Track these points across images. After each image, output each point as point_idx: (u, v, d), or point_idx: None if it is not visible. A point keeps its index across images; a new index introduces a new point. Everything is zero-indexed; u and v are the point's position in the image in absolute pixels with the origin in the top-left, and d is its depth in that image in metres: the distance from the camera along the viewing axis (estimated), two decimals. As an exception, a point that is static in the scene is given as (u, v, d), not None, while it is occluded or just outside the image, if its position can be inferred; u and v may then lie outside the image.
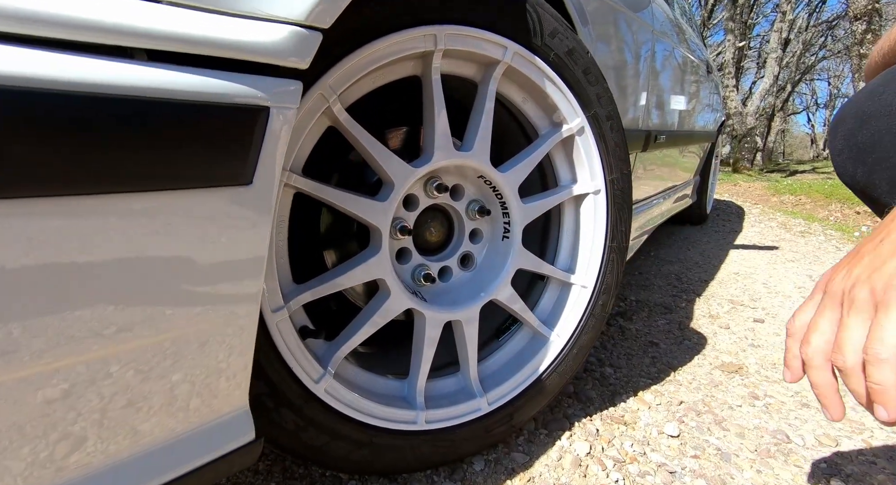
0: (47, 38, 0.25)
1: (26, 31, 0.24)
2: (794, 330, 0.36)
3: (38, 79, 0.24)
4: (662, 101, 1.20)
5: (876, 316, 0.30)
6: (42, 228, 0.25)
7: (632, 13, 0.92)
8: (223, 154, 0.31)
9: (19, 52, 0.23)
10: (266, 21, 0.32)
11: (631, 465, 0.62)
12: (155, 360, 0.31)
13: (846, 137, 0.52)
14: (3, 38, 0.23)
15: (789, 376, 0.36)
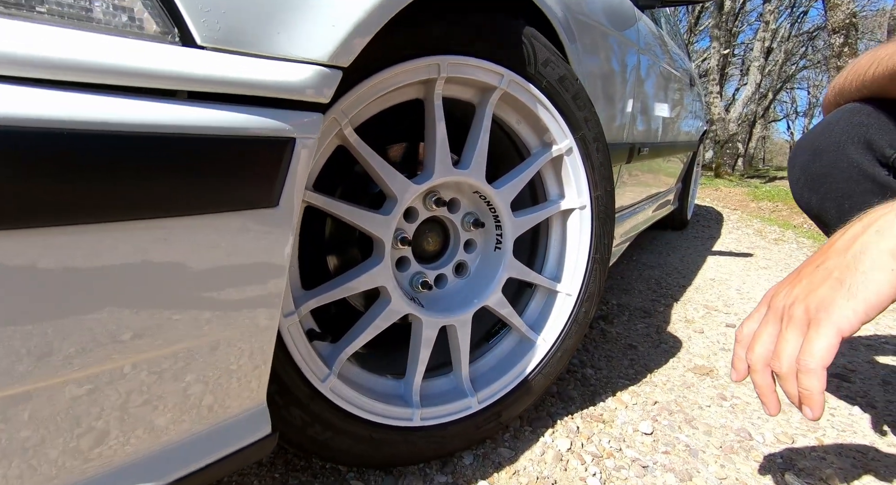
0: (113, 85, 0.28)
1: (100, 81, 0.28)
2: (742, 337, 0.42)
3: (110, 122, 0.27)
4: (646, 116, 1.26)
5: (808, 332, 0.36)
6: (115, 246, 0.29)
7: (617, 32, 0.97)
8: (254, 182, 0.35)
9: (95, 100, 0.27)
10: (293, 62, 0.36)
11: (608, 460, 0.68)
12: (196, 362, 0.35)
13: (802, 168, 0.58)
14: (87, 88, 0.27)
15: (735, 376, 0.41)
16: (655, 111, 1.36)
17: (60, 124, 0.26)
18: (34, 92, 0.26)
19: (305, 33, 0.36)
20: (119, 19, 0.29)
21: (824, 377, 0.35)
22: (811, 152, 0.57)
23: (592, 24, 0.81)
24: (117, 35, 0.29)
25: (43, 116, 0.26)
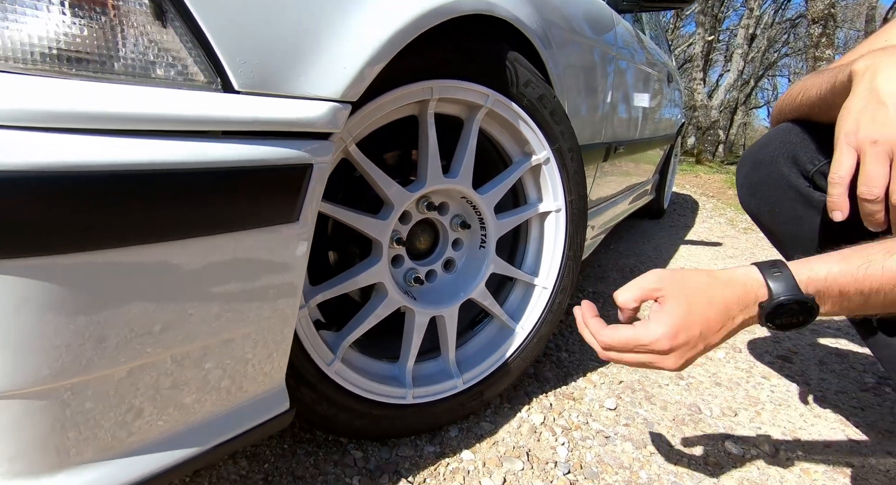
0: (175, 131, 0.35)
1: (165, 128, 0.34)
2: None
3: (174, 162, 0.34)
4: (623, 116, 1.34)
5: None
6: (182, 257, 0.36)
7: (596, 41, 1.04)
8: (279, 202, 0.42)
9: (163, 144, 0.34)
10: (311, 100, 0.42)
11: (575, 431, 0.78)
12: (235, 350, 0.42)
13: (745, 177, 0.67)
14: (155, 135, 0.33)
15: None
16: (631, 111, 1.44)
17: (139, 166, 0.33)
18: (116, 141, 0.32)
19: (321, 76, 0.43)
20: (175, 73, 0.36)
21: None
22: (752, 164, 0.66)
23: (572, 37, 0.87)
24: (174, 87, 0.35)
25: (126, 161, 0.32)
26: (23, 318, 0.31)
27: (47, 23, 0.32)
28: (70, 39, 0.32)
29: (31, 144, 0.29)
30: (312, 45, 0.42)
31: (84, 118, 0.31)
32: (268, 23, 0.39)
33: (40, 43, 0.31)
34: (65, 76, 0.32)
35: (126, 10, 0.34)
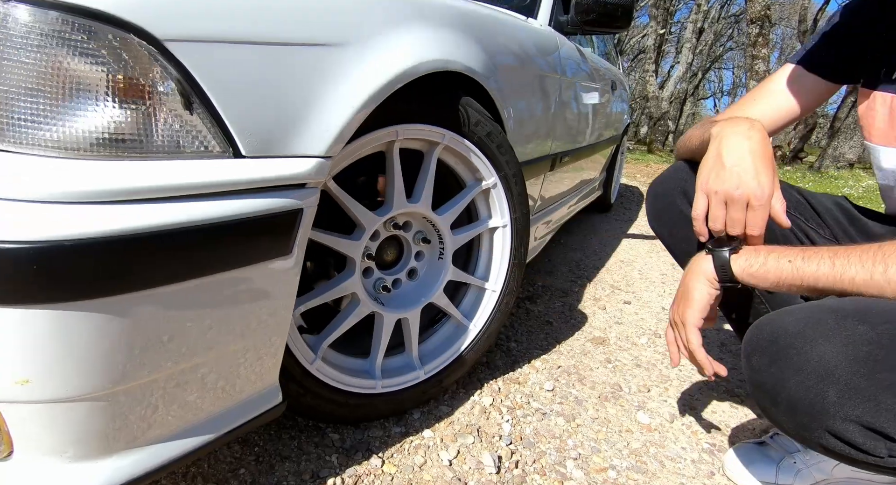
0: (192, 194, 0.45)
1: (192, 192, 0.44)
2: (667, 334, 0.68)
3: (200, 219, 0.44)
4: (567, 128, 1.49)
5: (685, 329, 0.61)
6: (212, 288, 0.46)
7: (540, 68, 1.17)
8: (277, 241, 0.53)
9: (193, 205, 0.44)
10: (302, 157, 0.53)
11: (518, 410, 0.93)
12: (246, 356, 0.53)
13: (651, 204, 0.83)
14: (184, 198, 0.43)
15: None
16: (575, 123, 1.59)
17: (176, 225, 0.43)
18: (159, 206, 0.42)
19: (309, 138, 0.53)
20: (198, 146, 0.46)
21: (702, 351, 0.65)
22: (655, 195, 0.82)
23: (518, 71, 1.00)
24: (197, 158, 0.45)
25: (167, 222, 0.42)
26: (94, 343, 0.41)
27: (102, 116, 0.41)
28: (118, 127, 0.42)
29: (100, 216, 0.39)
30: (301, 115, 0.52)
31: (139, 192, 0.41)
32: (267, 102, 0.49)
33: (97, 132, 0.41)
34: (119, 158, 0.41)
35: (162, 101, 0.43)
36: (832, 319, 0.52)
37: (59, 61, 0.38)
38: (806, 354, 0.51)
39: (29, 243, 0.37)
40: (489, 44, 0.87)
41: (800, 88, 0.76)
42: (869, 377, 0.48)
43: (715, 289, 0.64)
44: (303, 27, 0.53)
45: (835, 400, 0.49)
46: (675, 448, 0.86)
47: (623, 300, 1.61)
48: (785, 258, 0.58)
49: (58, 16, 0.37)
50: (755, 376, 0.56)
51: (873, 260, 0.53)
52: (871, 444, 0.49)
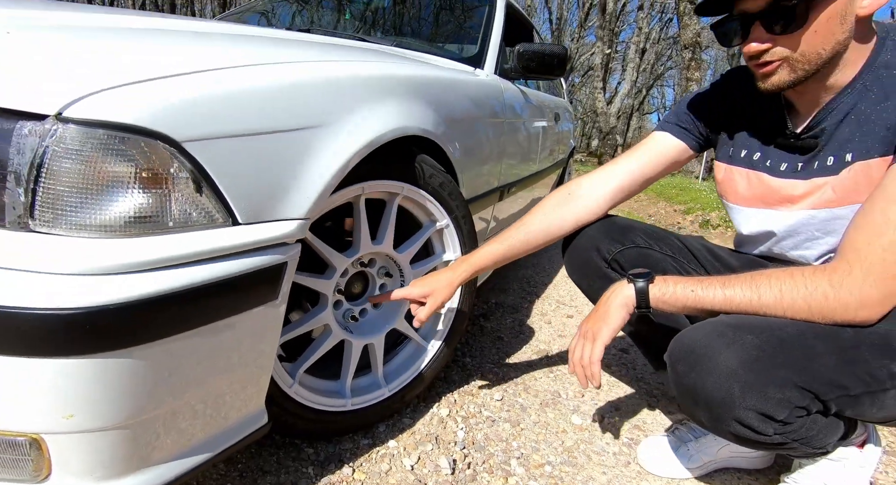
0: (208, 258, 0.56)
1: (202, 257, 0.56)
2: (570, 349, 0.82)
3: (204, 279, 0.56)
4: (513, 163, 1.66)
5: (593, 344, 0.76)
6: (217, 332, 0.57)
7: (486, 113, 1.34)
8: (266, 290, 0.64)
9: (202, 268, 0.55)
10: (286, 221, 0.65)
11: (471, 419, 1.07)
12: (237, 387, 0.64)
13: (569, 257, 1.00)
14: (192, 263, 0.55)
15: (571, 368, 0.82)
16: (521, 157, 1.77)
17: (190, 285, 0.54)
18: (175, 271, 0.53)
19: (293, 205, 0.65)
20: (204, 219, 0.57)
21: (599, 364, 0.79)
22: (572, 249, 0.98)
23: (466, 122, 1.16)
24: (203, 229, 0.57)
25: (182, 283, 0.53)
26: (124, 383, 0.51)
27: (131, 202, 0.52)
28: (143, 210, 0.53)
29: (130, 284, 0.50)
30: (286, 187, 0.65)
31: (159, 262, 0.52)
32: (259, 179, 0.61)
33: (126, 215, 0.52)
34: (144, 235, 0.52)
35: (178, 187, 0.54)
36: (730, 331, 0.69)
37: (100, 164, 0.49)
38: (715, 360, 0.68)
39: (75, 310, 0.47)
40: (441, 104, 1.02)
41: (668, 151, 0.95)
42: (758, 374, 0.66)
43: (628, 313, 0.80)
44: (288, 116, 0.65)
45: (738, 394, 0.66)
46: (600, 444, 1.03)
47: (566, 314, 1.79)
48: (688, 288, 0.75)
49: (103, 132, 0.48)
50: (680, 381, 0.72)
51: (750, 288, 0.71)
52: (763, 426, 0.67)
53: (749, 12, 0.70)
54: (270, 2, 2.05)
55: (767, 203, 0.83)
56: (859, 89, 0.72)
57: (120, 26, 0.73)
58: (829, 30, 0.67)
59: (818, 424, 0.70)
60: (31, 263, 0.47)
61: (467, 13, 1.84)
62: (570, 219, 0.96)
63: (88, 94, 0.48)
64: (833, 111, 0.74)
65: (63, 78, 0.50)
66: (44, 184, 0.47)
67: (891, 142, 0.68)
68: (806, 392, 0.66)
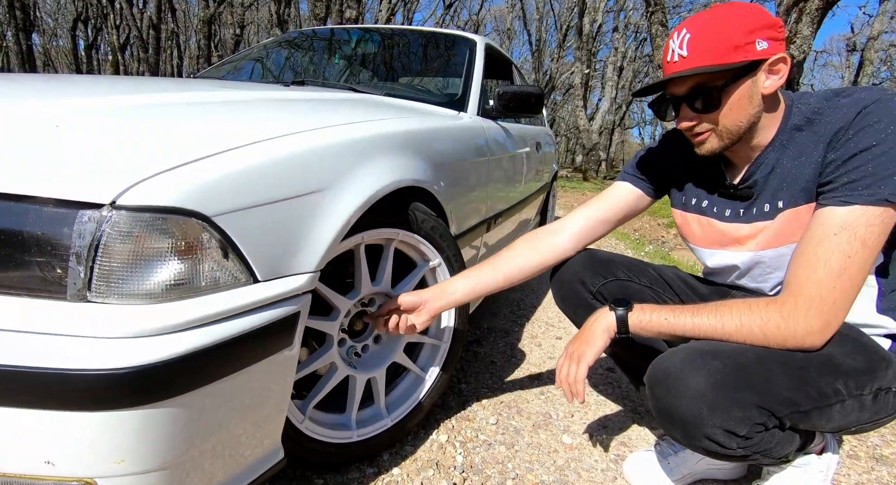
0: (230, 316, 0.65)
1: (229, 314, 0.64)
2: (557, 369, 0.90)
3: (230, 335, 0.64)
4: (498, 195, 1.77)
5: (578, 364, 0.85)
6: (237, 382, 0.65)
7: (471, 153, 1.45)
8: (283, 337, 0.73)
9: (227, 324, 0.63)
10: (299, 274, 0.74)
11: (469, 443, 1.15)
12: (256, 425, 0.72)
13: (556, 290, 1.10)
14: (220, 321, 0.63)
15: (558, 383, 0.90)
16: (505, 189, 1.89)
17: (220, 340, 0.62)
18: (207, 329, 0.61)
19: (304, 260, 0.74)
20: (230, 280, 0.66)
21: (583, 383, 0.87)
22: (559, 281, 1.08)
23: (454, 167, 1.26)
24: (228, 289, 0.65)
25: (212, 340, 0.61)
26: (165, 430, 0.59)
27: (168, 271, 0.60)
28: (179, 276, 0.61)
29: (169, 343, 0.58)
30: (298, 245, 0.74)
31: (193, 322, 0.60)
32: (276, 241, 0.70)
33: (165, 282, 0.60)
34: (179, 299, 0.61)
35: (208, 255, 0.63)
36: (699, 357, 0.78)
37: (145, 241, 0.58)
38: (687, 384, 0.77)
39: (126, 369, 0.55)
40: (430, 152, 1.13)
41: (627, 198, 1.06)
42: (723, 396, 0.75)
43: (610, 337, 0.90)
44: (299, 183, 0.74)
45: (707, 414, 0.75)
46: (589, 461, 1.11)
47: (555, 336, 1.88)
48: (662, 316, 0.85)
49: (149, 215, 0.57)
50: (658, 404, 0.81)
51: (714, 317, 0.81)
52: (728, 441, 0.76)
53: (677, 95, 0.84)
54: (265, 48, 2.17)
55: (721, 244, 0.95)
56: (778, 147, 0.85)
57: (150, 103, 0.82)
58: (742, 107, 0.80)
59: (776, 437, 0.79)
60: (88, 329, 0.55)
61: (450, 59, 1.98)
62: (537, 260, 1.06)
63: (136, 184, 0.57)
64: (761, 165, 0.87)
65: (112, 169, 0.59)
66: (100, 262, 0.55)
67: (811, 191, 0.80)
68: (763, 410, 0.76)
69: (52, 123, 0.66)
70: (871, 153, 0.73)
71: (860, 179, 0.73)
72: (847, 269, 0.73)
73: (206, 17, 11.36)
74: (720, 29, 0.77)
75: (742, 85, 0.79)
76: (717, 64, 0.77)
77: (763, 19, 0.77)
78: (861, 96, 0.77)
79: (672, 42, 0.81)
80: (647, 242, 4.15)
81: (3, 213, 0.55)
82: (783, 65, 0.79)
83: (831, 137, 0.77)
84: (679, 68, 0.80)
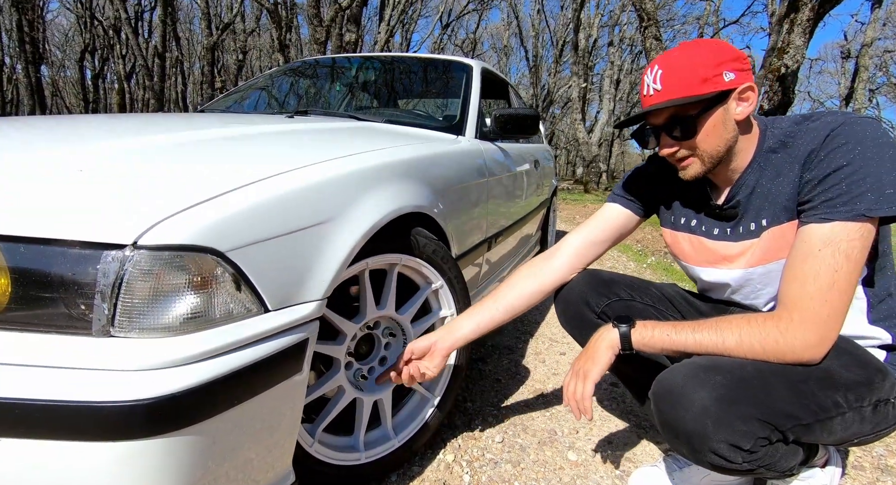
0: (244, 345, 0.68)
1: (238, 346, 0.67)
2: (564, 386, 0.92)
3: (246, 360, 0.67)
4: (497, 215, 1.81)
5: (585, 380, 0.87)
6: (248, 410, 0.68)
7: (470, 176, 1.49)
8: (293, 363, 0.76)
9: (239, 353, 0.67)
10: (309, 302, 0.77)
11: (475, 462, 1.16)
12: (268, 450, 0.75)
13: (562, 310, 1.13)
14: (233, 350, 0.66)
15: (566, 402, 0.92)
16: (505, 207, 1.93)
17: (233, 368, 0.65)
18: (222, 358, 0.65)
19: (312, 288, 0.78)
20: (243, 311, 0.69)
21: (590, 399, 0.89)
22: (564, 301, 1.11)
23: (454, 191, 1.31)
24: (241, 319, 0.69)
25: (229, 368, 0.65)
26: (180, 458, 0.62)
27: (185, 304, 0.64)
28: (194, 309, 0.65)
29: (185, 374, 0.61)
30: (306, 275, 0.77)
31: (208, 352, 0.64)
32: (285, 272, 0.74)
33: (182, 316, 0.64)
34: (195, 331, 0.64)
35: (222, 288, 0.67)
36: (702, 372, 0.81)
37: (164, 278, 0.62)
38: (691, 399, 0.79)
39: (146, 400, 0.58)
40: (430, 178, 1.17)
41: (617, 219, 1.10)
42: (727, 410, 0.77)
43: (614, 354, 0.92)
44: (307, 216, 0.79)
45: (712, 428, 0.77)
46: (595, 478, 1.12)
47: (559, 352, 1.90)
48: (664, 332, 0.88)
49: (168, 253, 0.61)
50: (663, 418, 0.83)
51: (715, 333, 0.83)
52: (733, 455, 0.78)
53: (656, 125, 0.89)
54: (269, 78, 2.25)
55: (711, 262, 0.98)
56: (756, 169, 0.89)
57: (164, 144, 0.87)
58: (717, 133, 0.86)
59: (780, 450, 0.81)
60: (112, 363, 0.58)
61: (447, 84, 2.04)
62: (537, 286, 1.09)
63: (155, 224, 0.61)
64: (742, 186, 0.91)
65: (132, 211, 0.63)
66: (123, 299, 0.59)
67: (792, 209, 0.84)
68: (766, 424, 0.77)
69: (76, 168, 0.70)
70: (843, 172, 0.77)
71: (837, 197, 0.77)
72: (836, 282, 0.76)
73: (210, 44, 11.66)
74: (689, 63, 0.83)
75: (715, 113, 0.84)
76: (688, 95, 0.83)
77: (729, 53, 0.84)
78: (828, 120, 0.82)
79: (647, 77, 0.87)
80: (649, 254, 4.17)
81: (34, 256, 0.59)
82: (751, 93, 0.84)
83: (805, 158, 0.82)
84: (654, 101, 0.86)
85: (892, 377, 0.83)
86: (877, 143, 0.77)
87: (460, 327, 1.05)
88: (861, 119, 0.80)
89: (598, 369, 0.90)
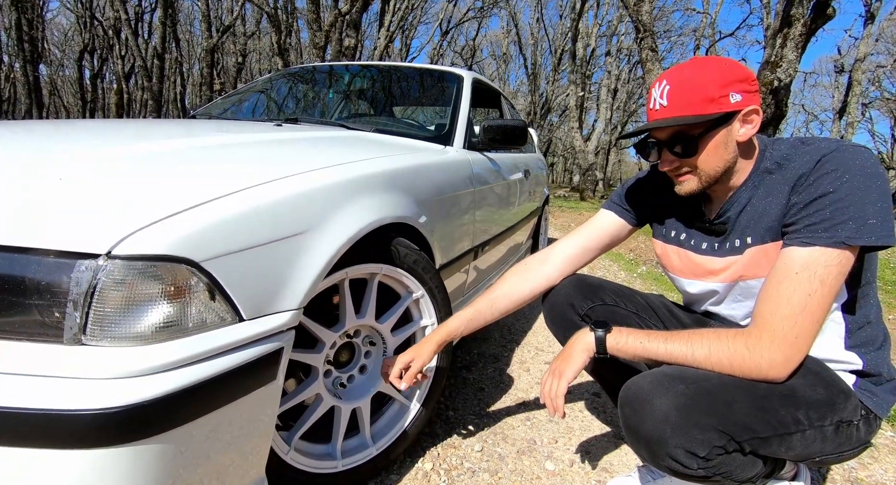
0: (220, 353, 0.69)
1: (212, 354, 0.68)
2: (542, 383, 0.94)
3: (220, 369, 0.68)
4: (485, 224, 1.83)
5: (559, 379, 0.89)
6: (231, 413, 0.69)
7: (456, 186, 1.51)
8: (267, 372, 0.77)
9: (212, 362, 0.68)
10: (285, 312, 0.78)
11: (453, 471, 1.17)
12: (240, 458, 0.75)
13: (548, 312, 1.14)
14: (207, 359, 0.67)
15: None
16: (492, 217, 1.95)
17: (208, 376, 0.66)
18: (196, 366, 0.66)
19: (288, 298, 0.79)
20: (217, 320, 0.70)
21: (563, 397, 0.91)
22: (550, 304, 1.13)
23: (440, 201, 1.33)
24: (216, 328, 0.70)
25: (203, 375, 0.66)
26: (154, 464, 0.63)
27: (159, 313, 0.65)
28: (168, 318, 0.66)
29: (158, 382, 0.62)
30: (282, 285, 0.79)
31: (182, 360, 0.65)
32: (260, 281, 0.75)
33: (155, 324, 0.65)
34: (169, 340, 0.65)
35: (196, 297, 0.68)
36: (667, 380, 0.82)
37: (137, 287, 0.63)
38: (653, 405, 0.81)
39: (115, 408, 0.59)
40: (414, 189, 1.19)
41: (610, 226, 1.13)
42: (685, 418, 0.79)
43: (589, 356, 0.94)
44: (284, 225, 0.80)
45: (670, 434, 0.79)
46: (571, 489, 1.13)
47: (544, 361, 1.91)
48: (638, 340, 0.89)
49: (141, 263, 0.62)
50: (627, 422, 0.85)
51: (686, 344, 0.85)
52: (689, 461, 0.79)
53: (659, 140, 0.91)
54: (270, 80, 2.27)
55: (696, 275, 1.00)
56: (750, 187, 0.91)
57: (147, 152, 0.89)
58: (718, 154, 0.87)
59: (736, 461, 0.82)
60: (83, 371, 0.59)
61: (438, 94, 2.07)
62: (527, 289, 1.11)
63: (130, 235, 0.62)
64: (734, 203, 0.93)
65: (108, 220, 0.64)
66: (95, 307, 0.60)
67: (777, 230, 0.86)
68: (723, 434, 0.79)
69: (55, 177, 0.71)
70: (828, 199, 0.78)
71: (819, 222, 0.79)
72: (808, 306, 0.78)
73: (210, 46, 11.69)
74: (697, 82, 0.84)
75: (718, 134, 0.85)
76: (693, 114, 0.84)
77: (737, 74, 0.84)
78: (821, 146, 0.83)
79: (654, 91, 0.89)
80: (640, 263, 4.20)
81: (8, 263, 0.60)
82: (756, 116, 0.85)
83: (795, 181, 0.84)
84: (660, 116, 0.87)
85: (855, 400, 0.85)
86: (865, 172, 0.78)
87: (451, 322, 1.10)
88: (853, 148, 0.82)
89: (573, 369, 0.92)
